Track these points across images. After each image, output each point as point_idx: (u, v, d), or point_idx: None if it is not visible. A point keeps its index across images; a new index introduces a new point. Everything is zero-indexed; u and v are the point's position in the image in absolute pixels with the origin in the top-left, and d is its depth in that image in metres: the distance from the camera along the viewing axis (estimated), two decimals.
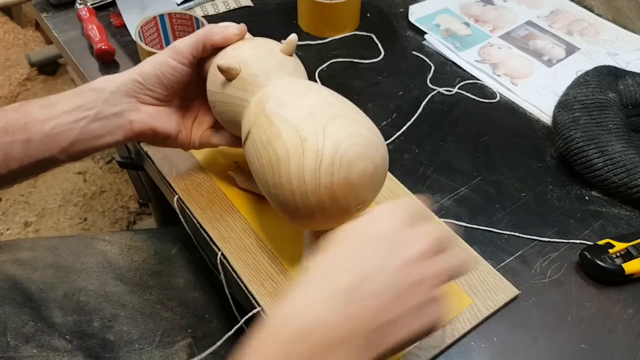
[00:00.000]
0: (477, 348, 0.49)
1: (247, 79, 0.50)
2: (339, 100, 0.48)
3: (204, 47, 0.52)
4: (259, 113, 0.47)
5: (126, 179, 1.53)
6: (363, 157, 0.44)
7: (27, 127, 0.48)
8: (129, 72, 0.52)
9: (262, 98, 0.48)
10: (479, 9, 0.90)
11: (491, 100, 0.74)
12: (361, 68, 0.79)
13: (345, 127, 0.44)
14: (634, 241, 0.53)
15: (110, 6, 0.86)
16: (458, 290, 0.52)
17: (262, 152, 0.46)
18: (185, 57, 0.51)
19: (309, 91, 0.48)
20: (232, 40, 0.52)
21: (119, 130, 0.52)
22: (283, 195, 0.44)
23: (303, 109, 0.46)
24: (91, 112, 0.50)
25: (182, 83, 0.53)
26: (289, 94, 0.48)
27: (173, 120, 0.55)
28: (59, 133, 0.49)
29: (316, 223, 0.46)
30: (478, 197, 0.62)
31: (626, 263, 0.52)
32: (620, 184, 0.59)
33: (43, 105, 0.49)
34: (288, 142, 0.44)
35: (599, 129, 0.61)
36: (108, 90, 0.51)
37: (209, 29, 0.52)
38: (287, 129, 0.45)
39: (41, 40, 1.96)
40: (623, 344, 0.50)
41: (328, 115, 0.45)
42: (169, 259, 0.70)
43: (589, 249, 0.54)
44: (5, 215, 1.45)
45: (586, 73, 0.69)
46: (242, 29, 0.53)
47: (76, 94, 0.50)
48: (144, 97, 0.52)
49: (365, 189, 0.45)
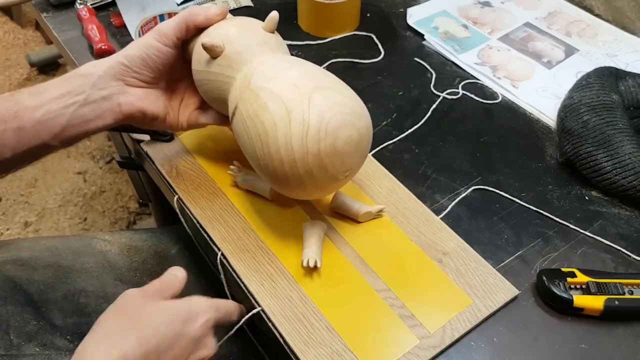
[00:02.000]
0: (477, 348, 0.50)
1: (231, 56, 0.51)
2: (322, 72, 0.50)
3: (187, 28, 0.53)
4: (245, 88, 0.49)
5: (126, 179, 1.53)
6: (348, 125, 0.46)
7: (18, 115, 0.48)
8: (115, 55, 0.53)
9: (247, 74, 0.50)
10: (477, 11, 0.90)
11: (491, 100, 0.74)
12: (361, 68, 0.79)
13: (329, 97, 0.46)
14: (600, 279, 0.51)
15: (110, 6, 0.86)
16: (458, 290, 0.52)
17: (250, 126, 0.47)
18: (170, 39, 0.52)
19: (293, 65, 0.49)
20: (214, 20, 0.53)
21: (109, 114, 0.52)
22: (272, 165, 0.46)
23: (288, 81, 0.47)
24: (80, 97, 0.50)
25: (168, 65, 0.54)
26: (273, 68, 0.49)
27: (160, 102, 0.56)
28: (50, 119, 0.49)
29: (306, 192, 0.48)
30: (478, 197, 0.62)
31: (578, 295, 0.50)
32: (629, 187, 0.59)
33: (32, 93, 0.50)
34: (274, 113, 0.46)
35: (610, 129, 0.61)
36: (95, 75, 0.51)
37: (191, 10, 0.53)
38: (273, 101, 0.46)
39: (41, 40, 1.96)
40: (623, 344, 0.50)
41: (312, 87, 0.46)
42: (169, 259, 0.70)
43: (548, 272, 0.52)
44: (5, 215, 1.45)
45: (588, 75, 0.69)
46: (224, 9, 0.54)
47: (64, 80, 0.51)
48: (130, 80, 0.53)
49: (351, 155, 0.47)
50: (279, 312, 0.50)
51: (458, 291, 0.52)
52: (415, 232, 0.57)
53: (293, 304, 0.51)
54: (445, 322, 0.50)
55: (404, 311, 0.51)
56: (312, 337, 0.49)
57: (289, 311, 0.50)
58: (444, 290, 0.52)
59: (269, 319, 0.50)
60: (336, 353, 0.48)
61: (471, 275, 0.53)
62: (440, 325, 0.50)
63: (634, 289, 0.52)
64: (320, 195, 0.47)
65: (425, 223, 0.58)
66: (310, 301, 0.51)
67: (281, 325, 0.49)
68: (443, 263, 0.54)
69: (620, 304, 0.50)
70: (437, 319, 0.50)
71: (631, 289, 0.52)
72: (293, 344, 0.48)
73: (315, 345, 0.48)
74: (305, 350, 0.48)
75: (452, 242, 0.56)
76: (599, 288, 0.51)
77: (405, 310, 0.51)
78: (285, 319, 0.50)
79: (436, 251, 0.55)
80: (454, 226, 0.58)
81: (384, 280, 0.53)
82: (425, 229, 0.57)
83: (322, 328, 0.49)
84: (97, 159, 1.59)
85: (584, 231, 0.59)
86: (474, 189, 0.63)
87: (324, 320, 0.50)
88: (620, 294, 0.51)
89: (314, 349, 0.48)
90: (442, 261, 0.54)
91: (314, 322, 0.50)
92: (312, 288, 0.52)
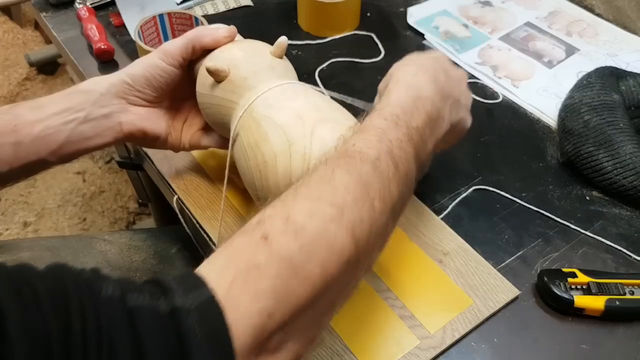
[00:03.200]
0: (477, 348, 0.49)
1: (235, 81, 0.50)
2: (328, 103, 0.48)
3: (193, 49, 0.52)
4: (247, 115, 0.48)
5: (125, 179, 1.53)
6: None
7: (16, 130, 0.47)
8: (118, 73, 0.52)
9: (250, 100, 0.48)
10: (477, 11, 0.90)
11: (492, 100, 0.74)
12: (361, 68, 0.79)
13: (333, 130, 0.44)
14: (601, 279, 0.51)
15: (110, 6, 0.86)
16: (458, 290, 0.52)
17: (250, 155, 0.46)
18: (175, 59, 0.51)
19: (298, 94, 0.48)
20: (221, 42, 0.52)
21: (109, 132, 0.51)
22: (271, 198, 0.44)
23: (291, 112, 0.46)
24: (80, 114, 0.49)
25: (172, 85, 0.53)
26: (277, 97, 0.48)
27: (163, 122, 0.55)
28: (49, 135, 0.48)
29: None
30: (479, 197, 0.62)
31: (579, 296, 0.50)
32: (630, 187, 0.59)
33: (32, 107, 0.49)
34: (275, 145, 0.44)
35: (611, 129, 0.60)
36: (97, 92, 0.50)
37: (198, 30, 0.52)
38: (275, 132, 0.45)
39: (40, 39, 1.96)
40: (623, 344, 0.50)
41: (316, 119, 0.45)
42: (168, 258, 0.70)
43: (548, 272, 0.52)
44: (5, 216, 1.45)
45: (588, 75, 0.69)
46: (232, 31, 0.53)
47: (65, 96, 0.50)
48: (133, 99, 0.52)
49: None
50: None
51: (458, 291, 0.52)
52: (416, 232, 0.57)
53: None
54: (446, 323, 0.50)
55: (404, 311, 0.50)
56: None
57: None
58: (445, 291, 0.52)
59: None
60: (336, 353, 0.48)
61: (472, 276, 0.53)
62: (440, 326, 0.49)
63: (635, 289, 0.51)
64: None
65: (425, 223, 0.57)
66: None
67: None
68: (443, 263, 0.54)
69: (621, 304, 0.50)
70: (437, 319, 0.50)
71: (632, 289, 0.51)
72: None
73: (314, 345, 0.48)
74: None
75: (453, 242, 0.56)
76: (600, 288, 0.51)
77: (405, 311, 0.50)
78: None
79: (436, 251, 0.55)
80: (455, 226, 0.58)
81: (384, 280, 0.53)
82: (425, 229, 0.57)
83: None
84: (96, 159, 1.59)
85: (584, 231, 0.58)
86: (474, 189, 0.63)
87: None
88: (621, 294, 0.51)
89: (313, 350, 0.48)
90: (442, 261, 0.54)
91: None
92: None
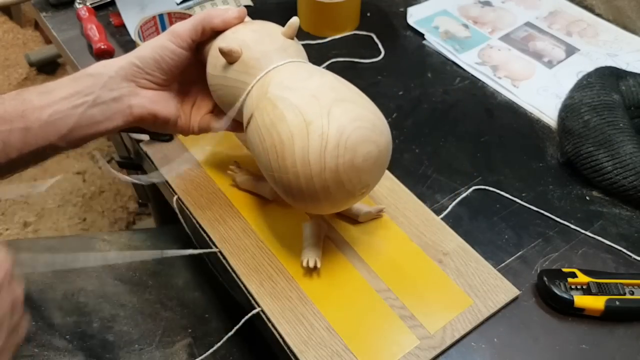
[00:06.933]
0: (477, 349, 0.49)
1: (248, 62, 0.49)
2: (343, 83, 0.48)
3: (203, 30, 0.51)
4: (262, 96, 0.47)
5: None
6: (368, 141, 0.44)
7: (25, 115, 0.47)
8: (126, 56, 0.51)
9: (265, 81, 0.48)
10: (477, 10, 0.90)
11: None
12: (361, 68, 0.79)
13: (349, 111, 0.44)
14: (601, 279, 0.51)
15: (110, 5, 0.86)
16: (458, 290, 0.52)
17: (266, 135, 0.45)
18: (185, 41, 0.51)
19: (312, 74, 0.47)
20: (231, 24, 0.52)
21: (119, 115, 0.51)
22: (287, 178, 0.44)
23: (307, 92, 0.45)
24: (89, 98, 0.49)
25: (181, 67, 0.52)
26: (292, 77, 0.47)
27: (172, 105, 0.54)
28: (58, 120, 0.48)
29: (320, 207, 0.46)
30: (478, 197, 0.62)
31: (579, 296, 0.50)
32: (630, 187, 0.59)
33: (40, 92, 0.49)
34: (292, 125, 0.44)
35: (611, 129, 0.60)
36: (106, 75, 0.50)
37: (208, 12, 0.51)
38: (291, 112, 0.44)
39: (40, 39, 1.96)
40: (623, 344, 0.50)
41: (332, 99, 0.44)
42: (168, 258, 0.70)
43: (548, 272, 0.52)
44: (5, 215, 1.45)
45: (588, 75, 0.69)
46: (242, 12, 0.52)
47: (73, 80, 0.50)
48: (142, 82, 0.51)
49: (369, 172, 0.45)
50: (278, 313, 0.50)
51: (458, 291, 0.52)
52: (416, 232, 0.57)
53: (293, 304, 0.51)
54: (446, 323, 0.50)
55: (404, 311, 0.50)
56: (312, 338, 0.48)
57: (288, 311, 0.50)
58: (444, 291, 0.52)
59: (269, 320, 0.50)
60: (336, 354, 0.48)
61: (471, 276, 0.53)
62: (440, 326, 0.49)
63: (635, 289, 0.51)
64: (333, 211, 0.45)
65: (425, 223, 0.57)
66: (310, 301, 0.51)
67: (281, 326, 0.49)
68: (443, 263, 0.54)
69: (621, 304, 0.50)
70: (437, 319, 0.50)
71: (632, 289, 0.51)
72: (293, 345, 0.48)
73: (315, 345, 0.48)
74: (305, 350, 0.48)
75: (453, 242, 0.56)
76: (600, 288, 0.51)
77: (405, 311, 0.50)
78: (285, 320, 0.50)
79: (436, 251, 0.55)
80: (455, 226, 0.58)
81: (384, 280, 0.53)
82: (425, 229, 0.57)
83: (322, 328, 0.49)
84: (96, 159, 1.59)
85: (584, 231, 0.58)
86: (474, 189, 0.63)
87: (323, 320, 0.50)
88: (621, 295, 0.51)
89: (313, 350, 0.48)
90: (442, 261, 0.54)
91: (313, 322, 0.50)
92: (311, 288, 0.52)
